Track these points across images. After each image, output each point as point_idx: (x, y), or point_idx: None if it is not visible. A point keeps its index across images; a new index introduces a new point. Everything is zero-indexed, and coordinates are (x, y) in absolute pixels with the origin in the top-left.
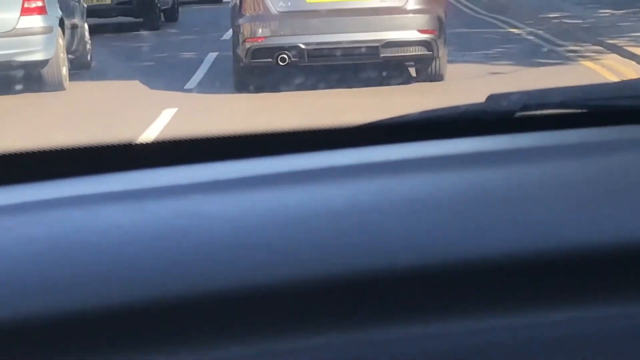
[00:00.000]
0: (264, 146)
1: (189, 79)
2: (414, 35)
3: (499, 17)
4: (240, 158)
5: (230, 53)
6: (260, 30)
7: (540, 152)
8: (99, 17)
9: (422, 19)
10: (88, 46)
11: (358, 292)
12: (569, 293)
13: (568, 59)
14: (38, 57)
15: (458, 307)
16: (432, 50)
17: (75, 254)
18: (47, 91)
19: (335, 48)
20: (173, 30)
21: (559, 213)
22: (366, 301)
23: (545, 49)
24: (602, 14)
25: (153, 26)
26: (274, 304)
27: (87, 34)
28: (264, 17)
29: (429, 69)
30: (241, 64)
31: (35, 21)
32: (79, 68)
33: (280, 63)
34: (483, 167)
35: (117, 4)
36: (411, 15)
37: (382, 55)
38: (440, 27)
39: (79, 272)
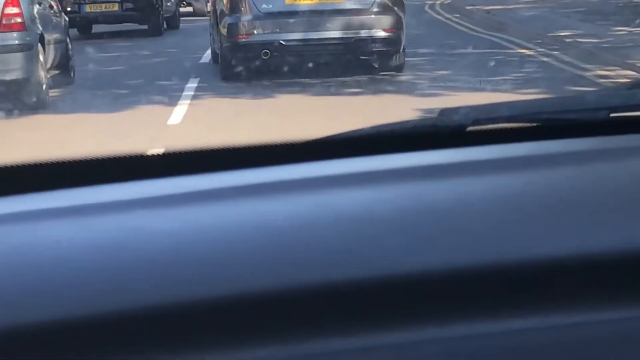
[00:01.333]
0: (211, 162)
1: (171, 111)
2: (379, 33)
3: (501, 35)
4: (186, 174)
5: (213, 79)
6: (246, 29)
7: (491, 166)
8: (107, 23)
9: (386, 20)
10: (71, 62)
11: (297, 306)
12: (514, 304)
13: (601, 86)
14: (18, 75)
15: (399, 319)
16: (395, 46)
17: (14, 270)
18: (27, 110)
19: (311, 44)
20: (146, 52)
21: (507, 225)
22: (304, 315)
23: (570, 74)
24: (618, 32)
25: (157, 32)
26: (212, 318)
27: (69, 49)
28: (250, 17)
29: (391, 62)
30: (229, 58)
31: (14, 38)
32: (62, 85)
33: (264, 57)
34: (432, 181)
35: (124, 10)
36: (376, 16)
37: (351, 50)
38: (400, 26)
39: (16, 289)
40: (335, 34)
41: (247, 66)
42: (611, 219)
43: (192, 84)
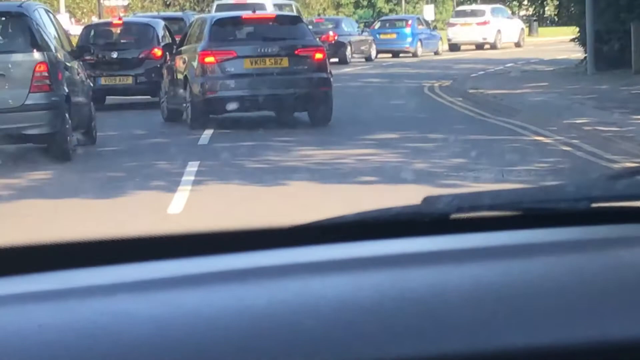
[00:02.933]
0: (193, 246)
1: (171, 198)
2: (315, 90)
3: (512, 121)
4: (169, 258)
5: (214, 163)
6: (214, 87)
7: (472, 254)
8: (121, 95)
9: (320, 80)
10: (93, 123)
11: None
12: None
13: None
14: (45, 130)
15: None
16: (326, 102)
17: None
18: (52, 163)
19: (264, 99)
20: (142, 131)
21: (484, 315)
22: None
23: (597, 165)
24: (639, 121)
25: None
26: None
27: (92, 111)
28: (217, 77)
29: (321, 115)
30: (200, 110)
31: (43, 98)
32: (85, 143)
33: (228, 109)
34: (414, 268)
35: (138, 84)
36: (313, 77)
37: (294, 103)
38: (330, 86)
39: None
40: (283, 90)
41: (214, 116)
42: (588, 311)
43: (192, 168)
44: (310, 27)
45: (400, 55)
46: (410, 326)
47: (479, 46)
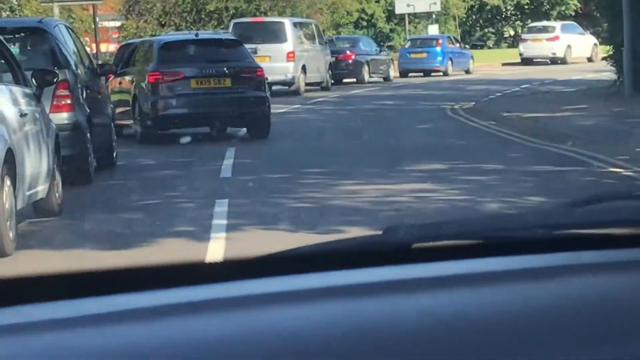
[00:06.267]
0: (144, 280)
1: (204, 249)
2: (256, 108)
3: (571, 148)
4: (120, 292)
5: (246, 201)
6: (164, 105)
7: (430, 284)
8: None
9: (260, 98)
10: (114, 145)
11: None
12: None
13: None
14: (66, 152)
15: None
16: (265, 117)
17: None
18: (74, 186)
19: (209, 116)
20: (150, 161)
21: (437, 346)
22: None
23: None
24: None
25: None
26: None
27: (113, 133)
28: (167, 97)
29: (260, 130)
30: (151, 127)
31: (64, 118)
32: (105, 166)
33: (175, 125)
34: (368, 299)
35: None
36: (254, 95)
37: (236, 120)
38: (268, 104)
39: None
40: (225, 108)
41: (164, 131)
42: (546, 340)
43: (222, 207)
44: (328, 45)
45: (432, 74)
46: (363, 357)
47: (553, 60)
